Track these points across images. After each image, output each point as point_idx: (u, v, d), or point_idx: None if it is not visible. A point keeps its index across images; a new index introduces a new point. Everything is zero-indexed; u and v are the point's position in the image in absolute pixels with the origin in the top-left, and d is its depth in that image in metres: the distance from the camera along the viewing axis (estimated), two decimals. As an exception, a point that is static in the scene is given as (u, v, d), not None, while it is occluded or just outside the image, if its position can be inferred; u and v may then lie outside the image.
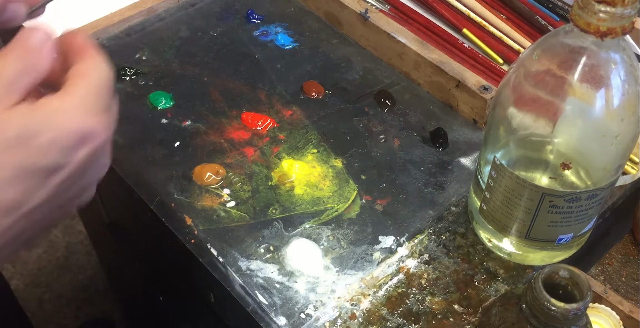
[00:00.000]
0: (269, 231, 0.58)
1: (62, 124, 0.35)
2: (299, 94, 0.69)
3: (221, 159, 0.63)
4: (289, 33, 0.75)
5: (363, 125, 0.66)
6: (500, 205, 0.52)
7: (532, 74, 0.46)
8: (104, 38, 0.73)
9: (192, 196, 0.60)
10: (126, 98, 0.68)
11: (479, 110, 0.65)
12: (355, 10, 0.72)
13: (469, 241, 0.58)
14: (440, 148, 0.64)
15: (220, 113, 0.67)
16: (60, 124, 0.35)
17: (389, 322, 0.53)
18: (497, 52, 0.73)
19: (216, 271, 0.55)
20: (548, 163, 0.51)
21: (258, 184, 0.61)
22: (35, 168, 0.35)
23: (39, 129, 0.35)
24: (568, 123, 0.47)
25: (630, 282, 0.61)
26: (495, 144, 0.51)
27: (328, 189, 0.61)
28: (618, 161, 0.49)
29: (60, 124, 0.35)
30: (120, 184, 0.62)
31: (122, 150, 0.63)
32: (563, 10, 0.76)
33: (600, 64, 0.44)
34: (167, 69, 0.71)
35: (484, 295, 0.54)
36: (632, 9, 0.41)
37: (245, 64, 0.72)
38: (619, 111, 0.45)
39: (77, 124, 0.36)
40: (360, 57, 0.73)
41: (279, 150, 0.64)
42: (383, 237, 0.58)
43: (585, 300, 0.43)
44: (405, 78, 0.71)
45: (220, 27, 0.76)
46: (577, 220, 0.51)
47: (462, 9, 0.77)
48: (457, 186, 0.61)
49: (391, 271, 0.56)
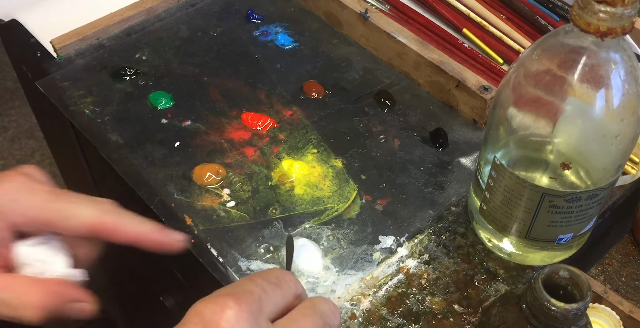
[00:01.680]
0: (269, 231, 0.58)
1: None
2: (299, 94, 0.69)
3: (221, 159, 0.63)
4: (289, 33, 0.75)
5: (363, 125, 0.66)
6: (500, 205, 0.52)
7: (532, 74, 0.46)
8: (104, 38, 0.73)
9: (192, 196, 0.60)
10: (126, 98, 0.68)
11: (479, 110, 0.65)
12: (355, 10, 0.72)
13: (469, 241, 0.58)
14: (440, 148, 0.64)
15: (220, 113, 0.67)
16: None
17: (389, 322, 0.53)
18: (497, 52, 0.73)
19: (216, 271, 0.55)
20: (548, 163, 0.51)
21: (258, 184, 0.61)
22: None
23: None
24: (568, 123, 0.47)
25: (630, 282, 0.61)
26: (495, 144, 0.51)
27: (328, 189, 0.61)
28: (618, 161, 0.49)
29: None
30: (120, 184, 0.62)
31: (122, 150, 0.63)
32: (563, 10, 0.76)
33: (600, 64, 0.44)
34: (167, 69, 0.71)
35: (484, 295, 0.54)
36: (632, 9, 0.41)
37: (245, 64, 0.72)
38: (619, 111, 0.45)
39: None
40: (360, 57, 0.73)
41: (279, 150, 0.64)
42: (383, 237, 0.58)
43: (585, 300, 0.43)
44: (405, 78, 0.71)
45: (220, 27, 0.76)
46: (577, 220, 0.51)
47: (462, 9, 0.77)
48: (457, 186, 0.61)
49: (391, 271, 0.56)
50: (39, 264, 0.47)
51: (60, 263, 0.48)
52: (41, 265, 0.47)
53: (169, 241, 0.50)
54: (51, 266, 0.47)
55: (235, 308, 0.38)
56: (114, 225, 0.48)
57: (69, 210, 0.47)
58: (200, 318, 0.38)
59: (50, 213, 0.46)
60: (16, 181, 0.46)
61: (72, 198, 0.47)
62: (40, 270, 0.47)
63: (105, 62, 0.71)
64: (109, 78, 0.70)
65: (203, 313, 0.38)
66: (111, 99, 0.68)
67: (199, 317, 0.38)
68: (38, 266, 0.47)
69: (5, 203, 0.45)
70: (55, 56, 0.72)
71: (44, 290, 0.46)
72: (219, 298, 0.39)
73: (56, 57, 0.72)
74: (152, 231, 0.50)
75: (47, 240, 0.48)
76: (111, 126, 0.65)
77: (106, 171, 0.64)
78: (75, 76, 0.70)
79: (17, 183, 0.46)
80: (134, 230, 0.49)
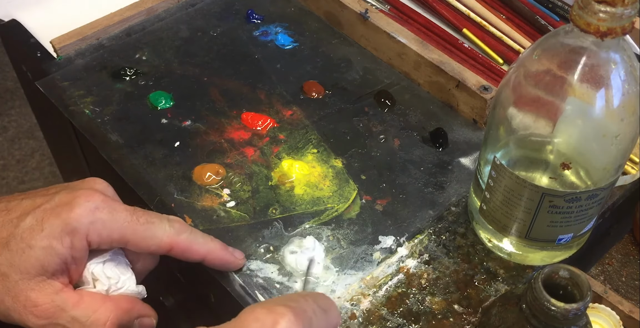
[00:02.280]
0: (269, 231, 0.58)
1: None
2: (299, 94, 0.69)
3: (221, 159, 0.63)
4: (289, 33, 0.75)
5: (363, 125, 0.66)
6: (500, 205, 0.52)
7: (532, 74, 0.46)
8: (104, 38, 0.73)
9: (192, 196, 0.60)
10: (126, 98, 0.68)
11: (479, 110, 0.65)
12: (355, 10, 0.72)
13: (469, 241, 0.58)
14: (440, 148, 0.64)
15: (220, 113, 0.67)
16: None
17: (389, 322, 0.53)
18: (497, 52, 0.73)
19: (216, 272, 0.55)
20: (548, 163, 0.51)
21: (258, 184, 0.61)
22: None
23: None
24: (568, 123, 0.47)
25: (630, 282, 0.61)
26: (495, 144, 0.51)
27: (328, 189, 0.61)
28: (618, 161, 0.49)
29: None
30: (121, 184, 0.62)
31: (122, 150, 0.63)
32: (563, 10, 0.76)
33: (600, 64, 0.44)
34: (167, 69, 0.71)
35: (484, 295, 0.54)
36: (632, 9, 0.41)
37: (245, 64, 0.72)
38: (619, 111, 0.45)
39: None
40: (360, 57, 0.73)
41: (279, 150, 0.64)
42: (383, 237, 0.58)
43: (585, 300, 0.43)
44: (405, 78, 0.71)
45: (220, 27, 0.76)
46: (577, 220, 0.51)
47: (462, 9, 0.77)
48: (457, 186, 0.61)
49: (391, 271, 0.56)
50: (109, 281, 0.49)
51: (128, 281, 0.49)
52: (110, 282, 0.49)
53: (233, 259, 0.54)
54: (120, 283, 0.49)
55: (293, 322, 0.39)
56: (188, 244, 0.50)
57: (149, 230, 0.48)
58: (261, 324, 0.39)
59: (133, 234, 0.48)
60: (95, 201, 0.47)
61: (149, 218, 0.49)
62: (109, 287, 0.49)
63: (105, 62, 0.71)
64: (109, 78, 0.70)
65: (263, 320, 0.39)
66: (111, 99, 0.68)
67: (258, 323, 0.39)
68: (107, 283, 0.49)
69: (86, 224, 0.46)
70: (55, 56, 0.72)
71: (114, 307, 0.48)
72: (278, 308, 0.40)
73: (56, 57, 0.72)
74: (218, 249, 0.52)
75: (114, 256, 0.50)
76: (111, 126, 0.65)
77: (106, 171, 0.64)
78: (75, 76, 0.70)
79: (96, 202, 0.47)
80: (204, 248, 0.51)
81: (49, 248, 0.45)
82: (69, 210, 0.46)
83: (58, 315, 0.46)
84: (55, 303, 0.46)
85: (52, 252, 0.45)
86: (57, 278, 0.46)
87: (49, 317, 0.46)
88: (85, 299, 0.47)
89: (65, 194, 0.47)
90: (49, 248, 0.45)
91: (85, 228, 0.46)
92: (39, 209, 0.46)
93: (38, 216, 0.46)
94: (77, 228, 0.46)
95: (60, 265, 0.46)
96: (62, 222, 0.45)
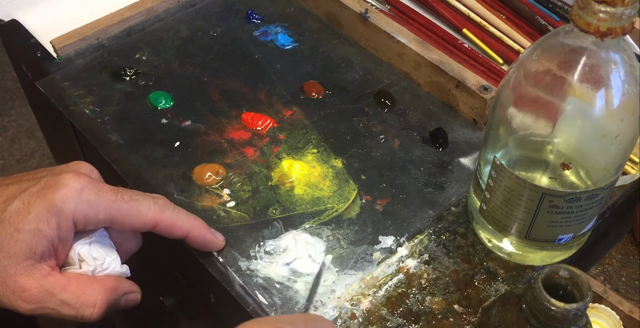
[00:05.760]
0: (269, 231, 0.58)
1: None
2: (299, 94, 0.69)
3: (221, 159, 0.63)
4: (289, 33, 0.75)
5: (363, 125, 0.66)
6: (500, 205, 0.52)
7: (532, 74, 0.46)
8: (104, 38, 0.73)
9: (192, 196, 0.60)
10: (126, 98, 0.68)
11: (479, 110, 0.65)
12: (355, 10, 0.72)
13: (469, 241, 0.58)
14: (440, 148, 0.64)
15: (220, 113, 0.67)
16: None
17: (389, 322, 0.53)
18: (497, 52, 0.73)
19: (216, 271, 0.55)
20: (548, 163, 0.51)
21: (258, 184, 0.61)
22: None
23: None
24: (568, 123, 0.47)
25: (630, 282, 0.61)
26: (495, 144, 0.51)
27: (328, 189, 0.61)
28: (618, 161, 0.49)
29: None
30: (121, 184, 0.62)
31: (122, 150, 0.63)
32: (563, 10, 0.76)
33: (600, 64, 0.44)
34: (167, 69, 0.71)
35: (484, 295, 0.54)
36: (632, 9, 0.41)
37: (245, 64, 0.72)
38: (619, 111, 0.45)
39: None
40: (360, 57, 0.73)
41: (279, 150, 0.64)
42: (383, 237, 0.58)
43: (585, 300, 0.43)
44: (405, 78, 0.71)
45: (220, 27, 0.76)
46: (577, 220, 0.51)
47: (462, 9, 0.77)
48: (457, 186, 0.61)
49: (391, 271, 0.56)
50: (95, 262, 0.49)
51: (113, 262, 0.50)
52: (96, 263, 0.49)
53: (214, 239, 0.54)
54: (105, 264, 0.50)
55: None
56: (172, 220, 0.51)
57: (134, 207, 0.49)
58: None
59: (118, 212, 0.48)
60: (80, 182, 0.47)
61: (133, 195, 0.50)
62: (95, 267, 0.49)
63: (105, 62, 0.71)
64: (109, 78, 0.70)
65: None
66: (111, 99, 0.68)
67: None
68: (93, 264, 0.49)
69: (72, 205, 0.47)
70: (55, 56, 0.72)
71: (101, 288, 0.48)
72: (280, 325, 0.41)
73: (56, 57, 0.72)
74: (201, 226, 0.53)
75: (100, 237, 0.50)
76: (111, 126, 0.65)
77: (106, 171, 0.64)
78: (75, 76, 0.70)
79: (82, 184, 0.47)
80: (187, 225, 0.52)
81: (37, 230, 0.45)
82: (54, 191, 0.46)
83: (47, 299, 0.46)
84: (43, 288, 0.46)
85: (39, 234, 0.45)
86: (45, 262, 0.47)
87: (37, 301, 0.46)
88: (72, 282, 0.47)
89: (51, 177, 0.48)
90: (37, 230, 0.45)
91: (71, 208, 0.46)
92: (25, 193, 0.47)
93: (25, 200, 0.46)
94: (62, 209, 0.46)
95: (48, 246, 0.46)
96: (47, 203, 0.46)
